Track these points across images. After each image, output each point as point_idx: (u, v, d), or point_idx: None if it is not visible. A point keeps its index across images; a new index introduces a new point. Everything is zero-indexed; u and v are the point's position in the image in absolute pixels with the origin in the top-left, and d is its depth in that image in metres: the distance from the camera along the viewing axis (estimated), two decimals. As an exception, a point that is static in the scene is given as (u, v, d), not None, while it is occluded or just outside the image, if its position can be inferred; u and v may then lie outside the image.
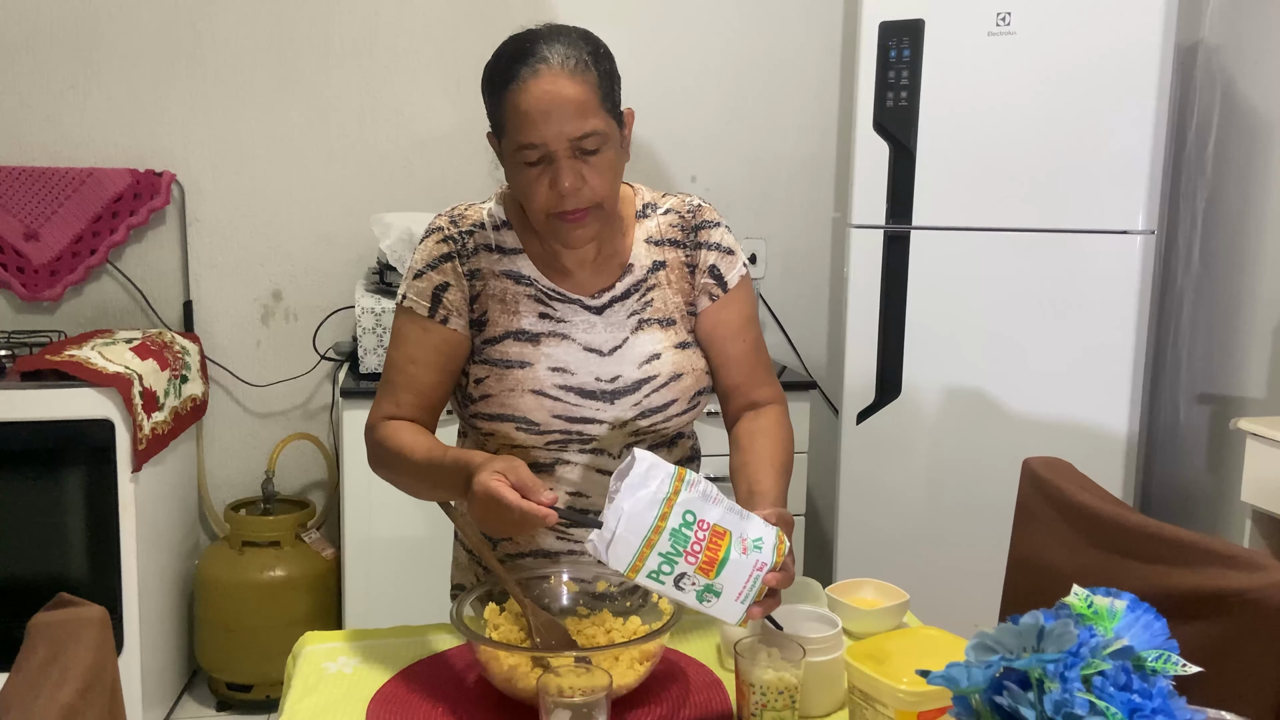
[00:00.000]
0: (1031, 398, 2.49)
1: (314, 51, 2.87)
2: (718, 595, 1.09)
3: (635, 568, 1.08)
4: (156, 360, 2.49)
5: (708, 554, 1.08)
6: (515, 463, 1.16)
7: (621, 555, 1.07)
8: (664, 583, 1.08)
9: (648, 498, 1.08)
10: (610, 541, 1.07)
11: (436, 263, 1.36)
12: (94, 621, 0.99)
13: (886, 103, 2.54)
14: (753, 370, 1.45)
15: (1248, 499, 2.17)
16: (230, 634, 2.66)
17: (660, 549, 1.07)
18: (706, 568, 1.08)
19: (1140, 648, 0.85)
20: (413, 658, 1.32)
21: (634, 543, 1.07)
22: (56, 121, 2.77)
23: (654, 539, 1.07)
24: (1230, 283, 2.66)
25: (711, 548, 1.08)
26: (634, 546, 1.07)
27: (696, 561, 1.08)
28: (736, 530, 1.10)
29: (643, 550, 1.07)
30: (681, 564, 1.08)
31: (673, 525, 1.08)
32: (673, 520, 1.08)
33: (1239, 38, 2.63)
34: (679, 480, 1.10)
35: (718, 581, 1.08)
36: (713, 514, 1.10)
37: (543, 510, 1.11)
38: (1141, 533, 1.32)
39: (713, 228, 1.43)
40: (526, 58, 1.24)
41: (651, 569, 1.08)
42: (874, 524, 2.66)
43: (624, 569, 1.08)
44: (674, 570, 1.08)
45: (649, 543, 1.07)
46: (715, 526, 1.09)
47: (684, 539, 1.08)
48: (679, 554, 1.07)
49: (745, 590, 1.09)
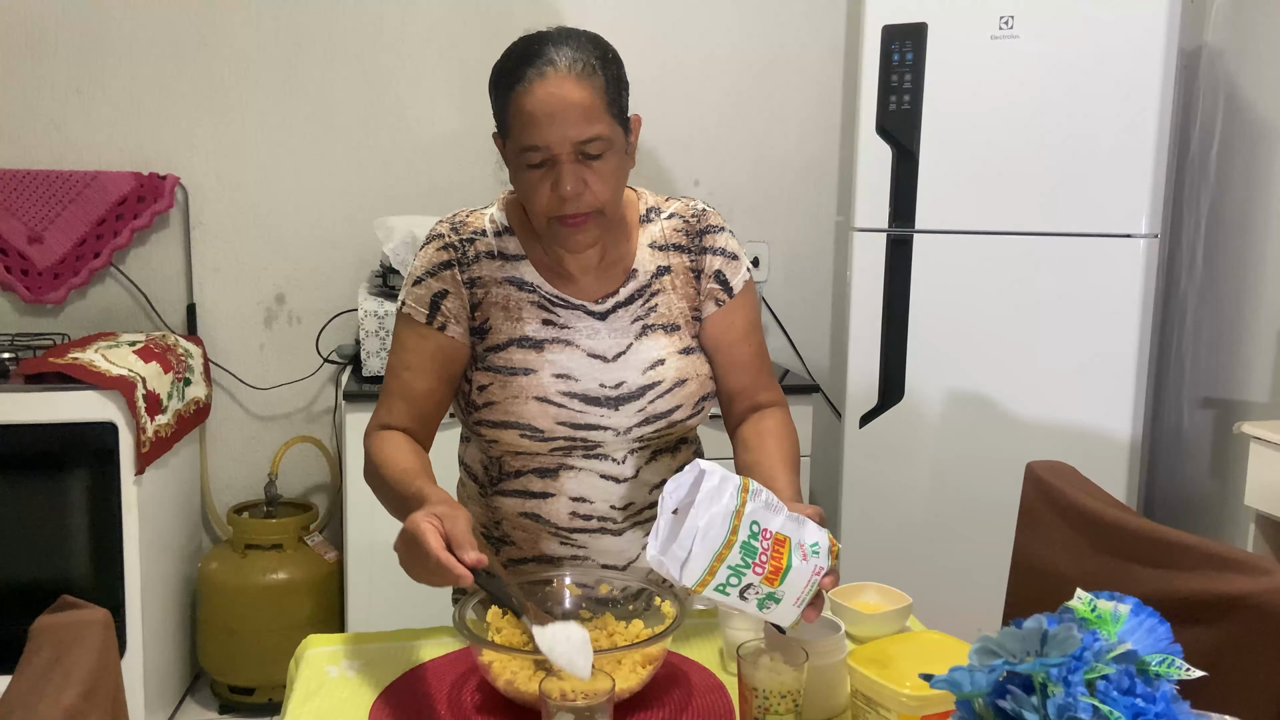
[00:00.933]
0: (1035, 401, 2.48)
1: (318, 55, 2.88)
2: (777, 602, 1.10)
3: (704, 582, 1.08)
4: (160, 363, 2.50)
5: (773, 564, 1.08)
6: (458, 513, 1.13)
7: (695, 572, 1.07)
8: (729, 594, 1.08)
9: (721, 512, 1.08)
10: (686, 561, 1.07)
11: (436, 270, 1.36)
12: (97, 624, 0.99)
13: (889, 106, 2.54)
14: (757, 374, 1.45)
15: (1251, 503, 2.17)
16: (233, 637, 2.66)
17: (730, 562, 1.07)
18: (772, 577, 1.08)
19: (1144, 652, 0.85)
20: (415, 661, 1.32)
21: (707, 559, 1.07)
22: (61, 125, 2.78)
23: (725, 553, 1.07)
24: (1234, 287, 2.66)
25: (775, 556, 1.08)
26: (706, 563, 1.07)
27: (764, 572, 1.08)
28: (795, 537, 1.10)
29: (713, 565, 1.07)
30: (749, 575, 1.08)
31: (742, 538, 1.07)
32: (741, 533, 1.08)
33: (1242, 42, 2.63)
34: (744, 491, 1.10)
35: (780, 589, 1.09)
36: (775, 523, 1.10)
37: (459, 569, 1.07)
38: (1145, 537, 1.32)
39: (717, 233, 1.43)
40: (534, 59, 1.24)
41: (720, 582, 1.08)
42: (877, 528, 2.66)
43: (693, 584, 1.08)
44: (741, 582, 1.08)
45: (719, 557, 1.07)
46: (777, 534, 1.09)
47: (752, 551, 1.08)
48: (747, 566, 1.07)
49: (803, 594, 1.10)
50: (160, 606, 2.55)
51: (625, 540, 1.40)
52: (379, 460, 1.32)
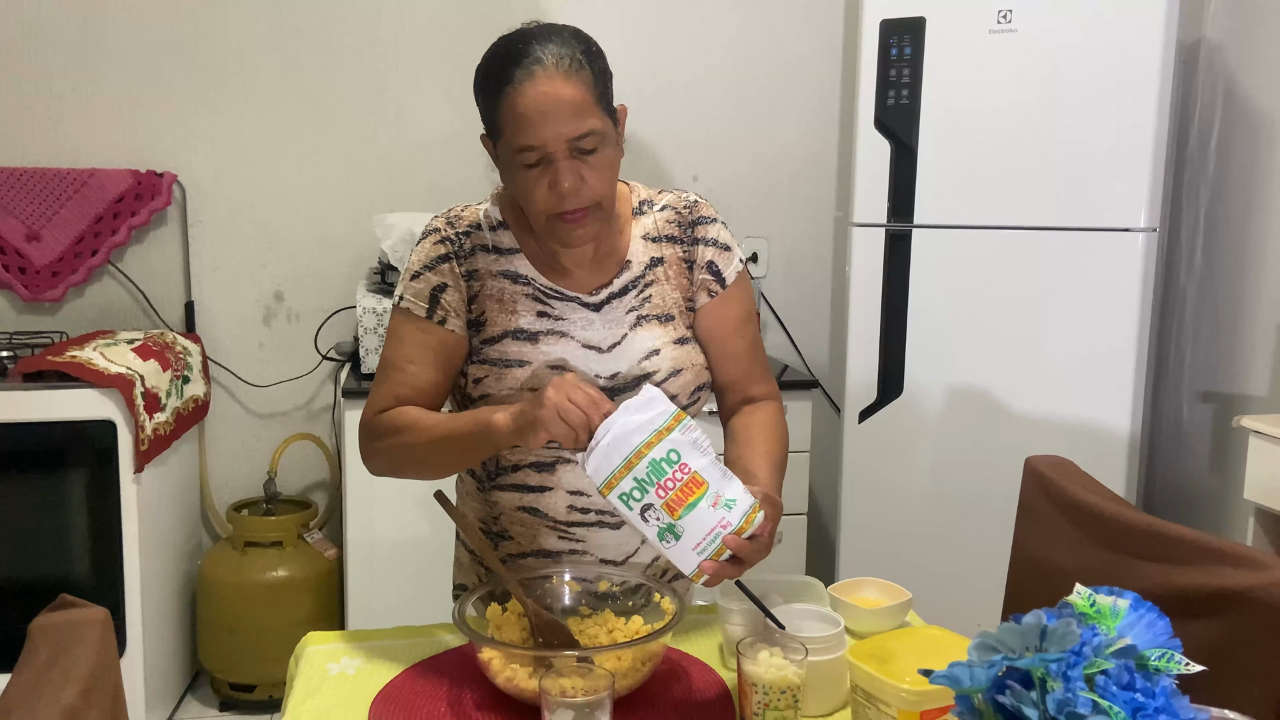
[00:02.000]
0: (1034, 396, 2.48)
1: (316, 52, 2.87)
2: (677, 538, 1.13)
3: (610, 484, 1.13)
4: (158, 361, 2.49)
5: (678, 494, 1.12)
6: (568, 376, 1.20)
7: (600, 468, 1.13)
8: (632, 508, 1.13)
9: (640, 423, 1.13)
10: (593, 450, 1.13)
11: (434, 264, 1.36)
12: (96, 623, 0.99)
13: (888, 101, 2.54)
14: (750, 366, 1.45)
15: (1250, 497, 2.17)
16: (233, 634, 2.66)
17: (636, 474, 1.12)
18: (673, 506, 1.12)
19: (1143, 647, 0.85)
20: (415, 658, 1.32)
21: (615, 460, 1.12)
22: (58, 123, 2.77)
23: (634, 462, 1.12)
24: (1233, 280, 2.66)
25: (684, 491, 1.12)
26: (614, 463, 1.12)
27: (665, 497, 1.12)
28: (715, 485, 1.14)
29: (621, 470, 1.12)
30: (651, 495, 1.12)
31: (655, 456, 1.12)
32: (656, 452, 1.12)
33: (1241, 35, 2.63)
34: (676, 420, 1.15)
35: (680, 524, 1.12)
36: (697, 461, 1.14)
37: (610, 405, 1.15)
38: (1144, 531, 1.32)
39: (709, 224, 1.43)
40: (520, 59, 1.24)
41: (624, 490, 1.12)
42: (876, 523, 2.66)
43: (600, 483, 1.13)
44: (643, 499, 1.12)
45: (628, 464, 1.12)
46: (695, 474, 1.13)
47: (661, 472, 1.12)
48: (651, 484, 1.12)
49: (704, 543, 1.13)
50: (160, 604, 2.55)
51: (623, 534, 1.40)
52: (408, 422, 1.32)
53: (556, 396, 1.16)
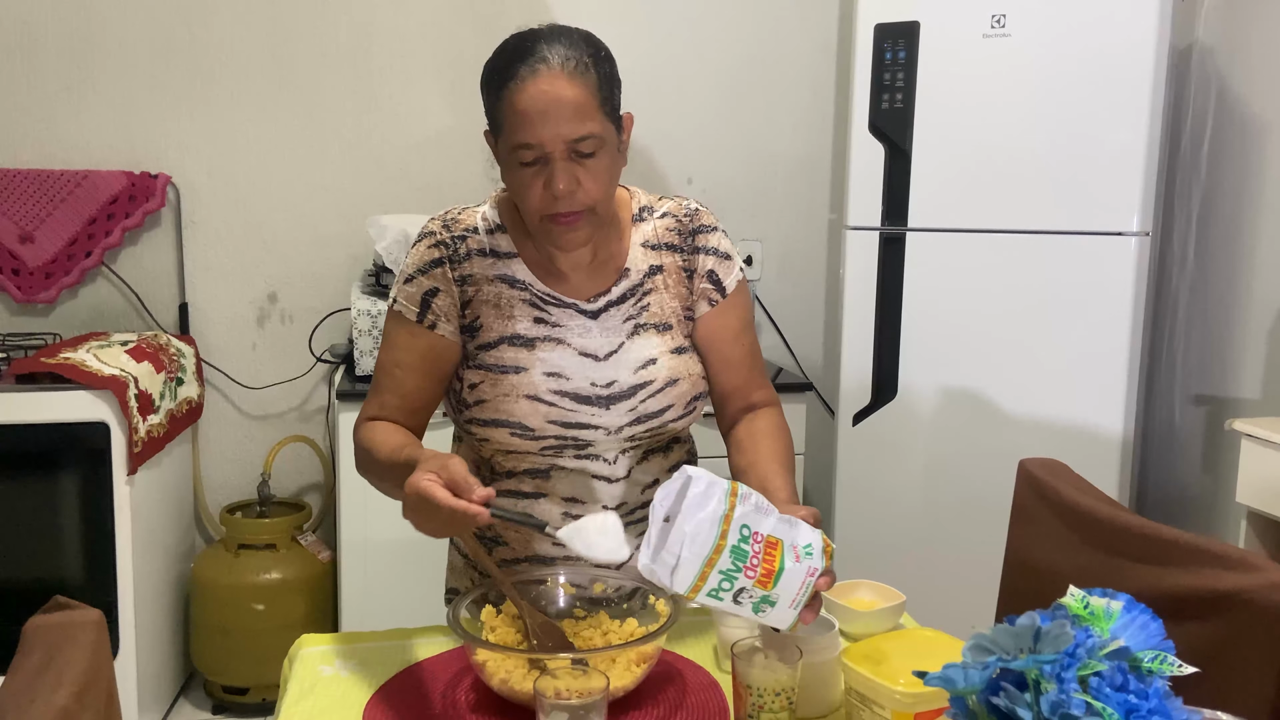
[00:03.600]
0: (1027, 399, 2.49)
1: (310, 53, 2.87)
2: (773, 605, 1.09)
3: (696, 588, 1.08)
4: (152, 363, 2.49)
5: (765, 566, 1.08)
6: (451, 460, 1.13)
7: (685, 578, 1.07)
8: (723, 599, 1.09)
9: (709, 518, 1.08)
10: (675, 567, 1.07)
11: (427, 268, 1.36)
12: (90, 625, 0.99)
13: (882, 104, 2.54)
14: (750, 374, 1.45)
15: (1243, 500, 2.18)
16: (226, 637, 2.66)
17: (721, 567, 1.07)
18: (765, 580, 1.08)
19: (1136, 648, 0.85)
20: (409, 661, 1.32)
21: (697, 565, 1.07)
22: (51, 124, 2.77)
23: (715, 558, 1.07)
24: (1225, 284, 2.66)
25: (768, 559, 1.08)
26: (697, 568, 1.07)
27: (755, 575, 1.08)
28: (788, 539, 1.11)
29: (704, 570, 1.07)
30: (741, 579, 1.08)
31: (732, 543, 1.08)
32: (731, 537, 1.08)
33: (1233, 39, 2.64)
34: (733, 495, 1.10)
35: (774, 592, 1.09)
36: (766, 525, 1.10)
37: (474, 509, 1.08)
38: (1137, 533, 1.32)
39: (710, 232, 1.43)
40: (526, 57, 1.24)
41: (712, 587, 1.08)
42: (870, 525, 2.66)
43: (685, 590, 1.08)
44: (733, 586, 1.08)
45: (710, 562, 1.07)
46: (769, 537, 1.10)
47: (743, 555, 1.08)
48: (739, 570, 1.08)
49: (799, 596, 1.10)
50: (153, 606, 2.54)
51: (618, 540, 1.39)
52: (370, 445, 1.32)
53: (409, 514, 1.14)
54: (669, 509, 1.11)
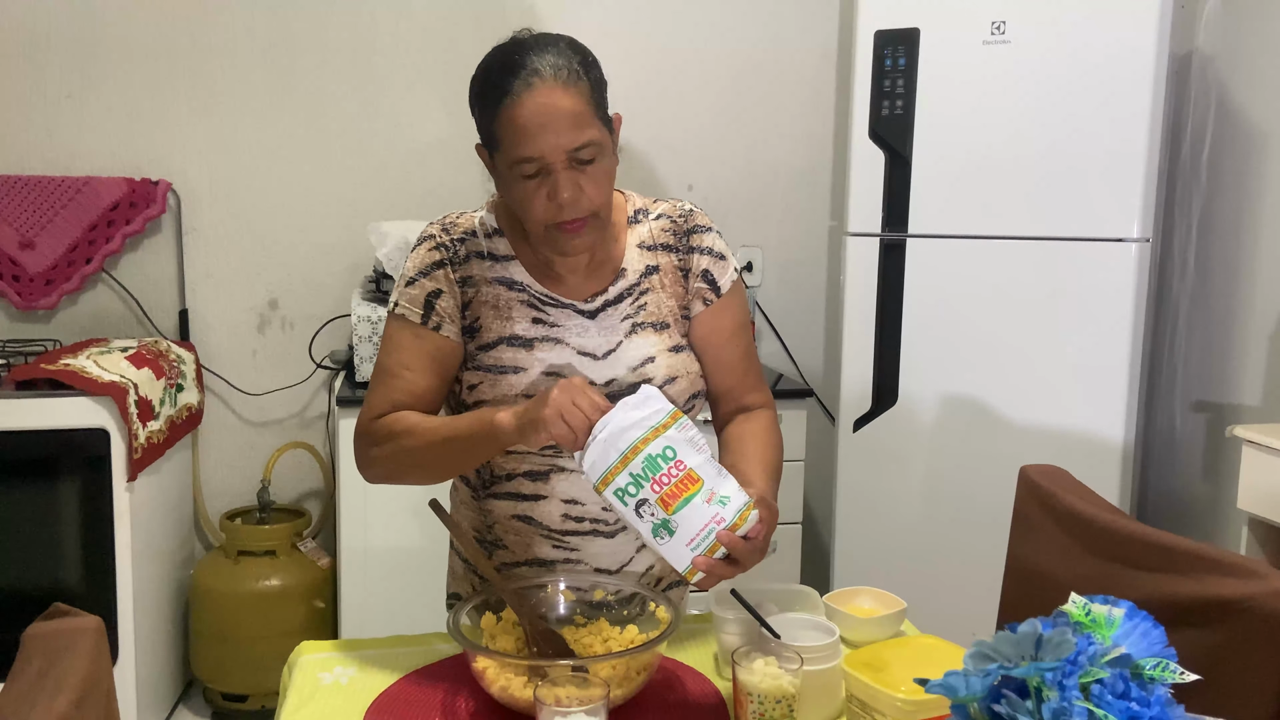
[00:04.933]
0: (1028, 405, 2.49)
1: (311, 60, 2.87)
2: (671, 534, 1.13)
3: (606, 480, 1.14)
4: (152, 369, 2.49)
5: (672, 490, 1.13)
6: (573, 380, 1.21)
7: (596, 463, 1.14)
8: (627, 504, 1.14)
9: (637, 419, 1.15)
10: (590, 444, 1.14)
11: (429, 270, 1.36)
12: (89, 632, 0.99)
13: (882, 111, 2.55)
14: (744, 375, 1.45)
15: (1244, 506, 2.18)
16: (225, 644, 2.65)
17: (632, 469, 1.13)
18: (667, 501, 1.13)
19: (1138, 656, 0.85)
20: (409, 668, 1.32)
21: (611, 455, 1.14)
22: (53, 131, 2.77)
23: (630, 457, 1.13)
24: (1226, 290, 2.67)
25: (679, 486, 1.13)
26: (610, 459, 1.14)
27: (660, 492, 1.13)
28: (709, 482, 1.15)
29: (617, 464, 1.13)
30: (646, 490, 1.13)
31: (651, 451, 1.14)
32: (652, 448, 1.14)
33: (1233, 47, 2.64)
34: (673, 418, 1.17)
35: (674, 519, 1.13)
36: (692, 459, 1.15)
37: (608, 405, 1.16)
38: (1139, 541, 1.32)
39: (704, 233, 1.44)
40: (518, 70, 1.24)
41: (619, 486, 1.14)
42: (871, 532, 2.66)
43: (597, 478, 1.14)
44: (638, 494, 1.13)
45: (624, 459, 1.13)
46: (690, 471, 1.14)
47: (656, 468, 1.13)
48: (647, 479, 1.13)
49: (698, 539, 1.13)
50: (152, 613, 2.54)
51: (618, 542, 1.39)
52: (406, 426, 1.32)
53: (561, 398, 1.17)
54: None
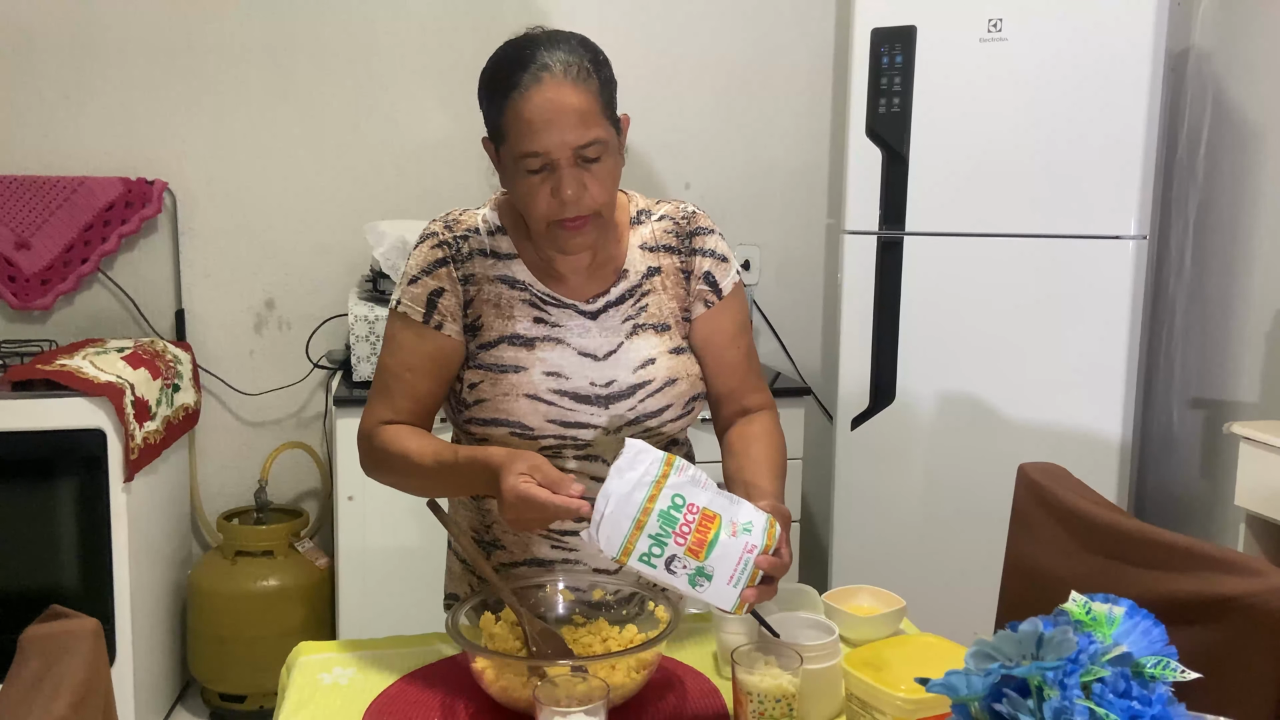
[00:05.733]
0: (1025, 403, 2.49)
1: (308, 59, 2.87)
2: (709, 579, 1.09)
3: (626, 550, 1.09)
4: (148, 369, 2.48)
5: (697, 535, 1.09)
6: (537, 460, 1.18)
7: (611, 537, 1.09)
8: (655, 566, 1.09)
9: (635, 479, 1.10)
10: (599, 523, 1.09)
11: (431, 268, 1.36)
12: (87, 634, 0.99)
13: (879, 109, 2.55)
14: (745, 377, 1.45)
15: (1242, 503, 2.18)
16: (223, 644, 2.65)
17: (650, 530, 1.08)
18: (696, 549, 1.08)
19: (1139, 654, 0.85)
20: (408, 668, 1.31)
21: (624, 524, 1.08)
22: (49, 130, 2.76)
23: (643, 520, 1.08)
24: (1222, 287, 2.67)
25: (701, 529, 1.09)
26: (624, 529, 1.08)
27: (686, 543, 1.08)
28: (726, 514, 1.11)
29: (633, 532, 1.08)
30: (671, 546, 1.08)
31: (661, 507, 1.09)
32: (661, 502, 1.09)
33: (1229, 44, 2.65)
34: (667, 465, 1.13)
35: (708, 564, 1.08)
36: (702, 498, 1.11)
37: (574, 503, 1.13)
38: (1138, 538, 1.32)
39: (707, 234, 1.44)
40: (528, 64, 1.23)
41: (642, 551, 1.09)
42: (869, 530, 2.66)
43: (615, 552, 1.09)
44: (664, 552, 1.08)
45: (638, 524, 1.08)
46: (705, 510, 1.10)
47: (673, 520, 1.09)
48: (668, 535, 1.08)
49: (736, 573, 1.09)
50: (150, 614, 2.54)
51: (618, 544, 1.39)
52: (402, 451, 1.32)
53: (511, 515, 1.16)
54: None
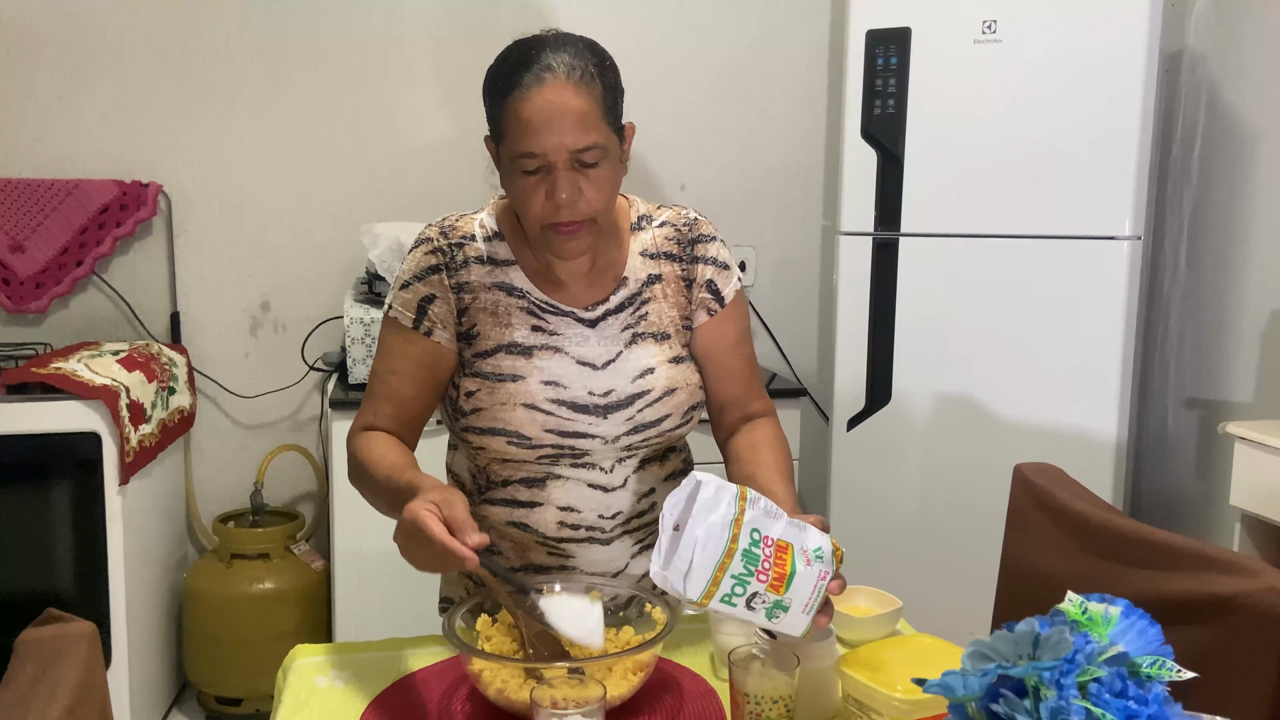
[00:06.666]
0: (1021, 403, 2.49)
1: (303, 61, 2.86)
2: (786, 610, 1.09)
3: (709, 594, 1.07)
4: (144, 372, 2.48)
5: (777, 570, 1.07)
6: (454, 497, 1.13)
7: (698, 584, 1.07)
8: (736, 605, 1.08)
9: (719, 521, 1.08)
10: (688, 572, 1.06)
11: (424, 274, 1.36)
12: (83, 637, 0.98)
13: (874, 111, 2.55)
14: (748, 384, 1.45)
15: (1237, 503, 2.18)
16: (219, 647, 2.64)
17: (733, 571, 1.07)
18: (777, 584, 1.07)
19: (1135, 654, 0.85)
20: (404, 671, 1.31)
21: (709, 569, 1.07)
22: (44, 133, 2.76)
23: (727, 563, 1.07)
24: (1217, 287, 2.67)
25: (779, 564, 1.08)
26: (709, 573, 1.07)
27: (768, 580, 1.07)
28: (798, 543, 1.10)
29: (716, 575, 1.07)
30: (754, 584, 1.07)
31: (743, 546, 1.07)
32: (742, 541, 1.07)
33: (1223, 45, 2.65)
34: (742, 500, 1.10)
35: (787, 597, 1.08)
36: (775, 529, 1.10)
37: (464, 551, 1.08)
38: (1134, 538, 1.32)
39: (709, 242, 1.43)
40: (531, 64, 1.23)
41: (725, 593, 1.07)
42: (866, 531, 2.66)
43: (698, 597, 1.07)
44: (746, 591, 1.07)
45: (722, 567, 1.07)
46: (779, 542, 1.09)
47: (755, 559, 1.07)
48: (750, 574, 1.07)
49: (811, 601, 1.09)
50: (146, 618, 2.53)
51: (614, 549, 1.39)
52: (365, 458, 1.32)
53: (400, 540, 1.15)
54: (678, 516, 1.10)
